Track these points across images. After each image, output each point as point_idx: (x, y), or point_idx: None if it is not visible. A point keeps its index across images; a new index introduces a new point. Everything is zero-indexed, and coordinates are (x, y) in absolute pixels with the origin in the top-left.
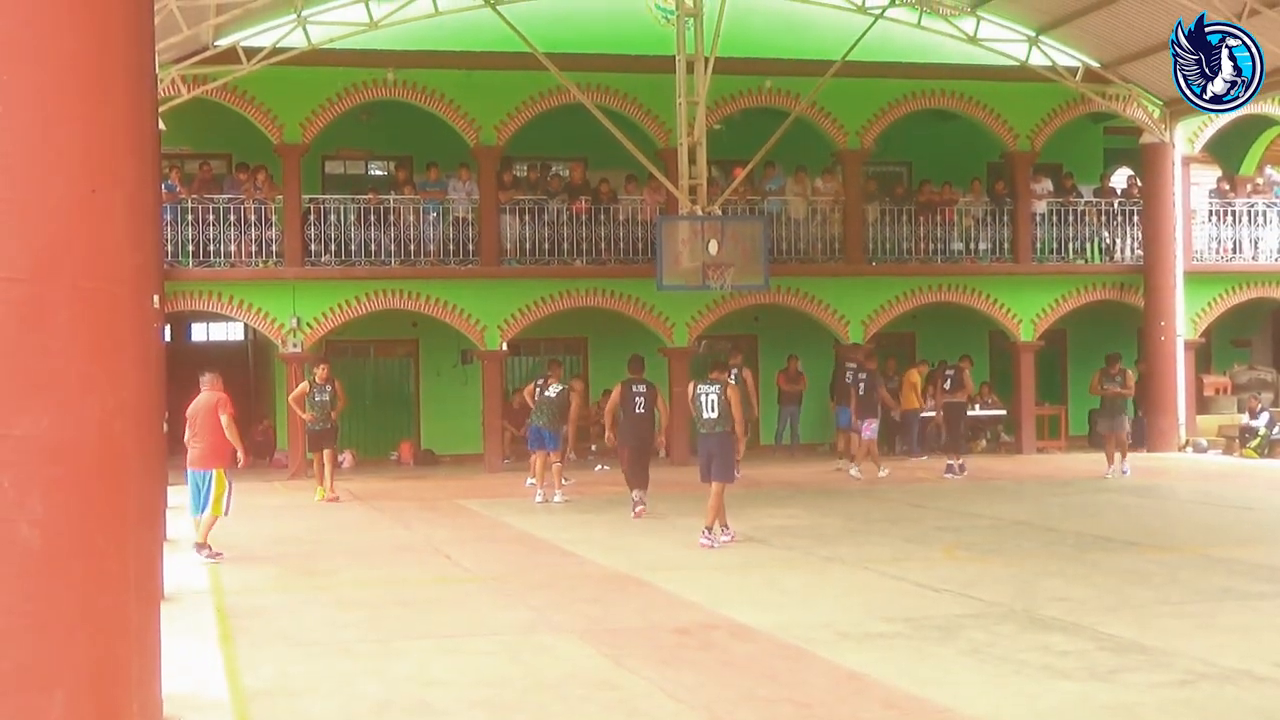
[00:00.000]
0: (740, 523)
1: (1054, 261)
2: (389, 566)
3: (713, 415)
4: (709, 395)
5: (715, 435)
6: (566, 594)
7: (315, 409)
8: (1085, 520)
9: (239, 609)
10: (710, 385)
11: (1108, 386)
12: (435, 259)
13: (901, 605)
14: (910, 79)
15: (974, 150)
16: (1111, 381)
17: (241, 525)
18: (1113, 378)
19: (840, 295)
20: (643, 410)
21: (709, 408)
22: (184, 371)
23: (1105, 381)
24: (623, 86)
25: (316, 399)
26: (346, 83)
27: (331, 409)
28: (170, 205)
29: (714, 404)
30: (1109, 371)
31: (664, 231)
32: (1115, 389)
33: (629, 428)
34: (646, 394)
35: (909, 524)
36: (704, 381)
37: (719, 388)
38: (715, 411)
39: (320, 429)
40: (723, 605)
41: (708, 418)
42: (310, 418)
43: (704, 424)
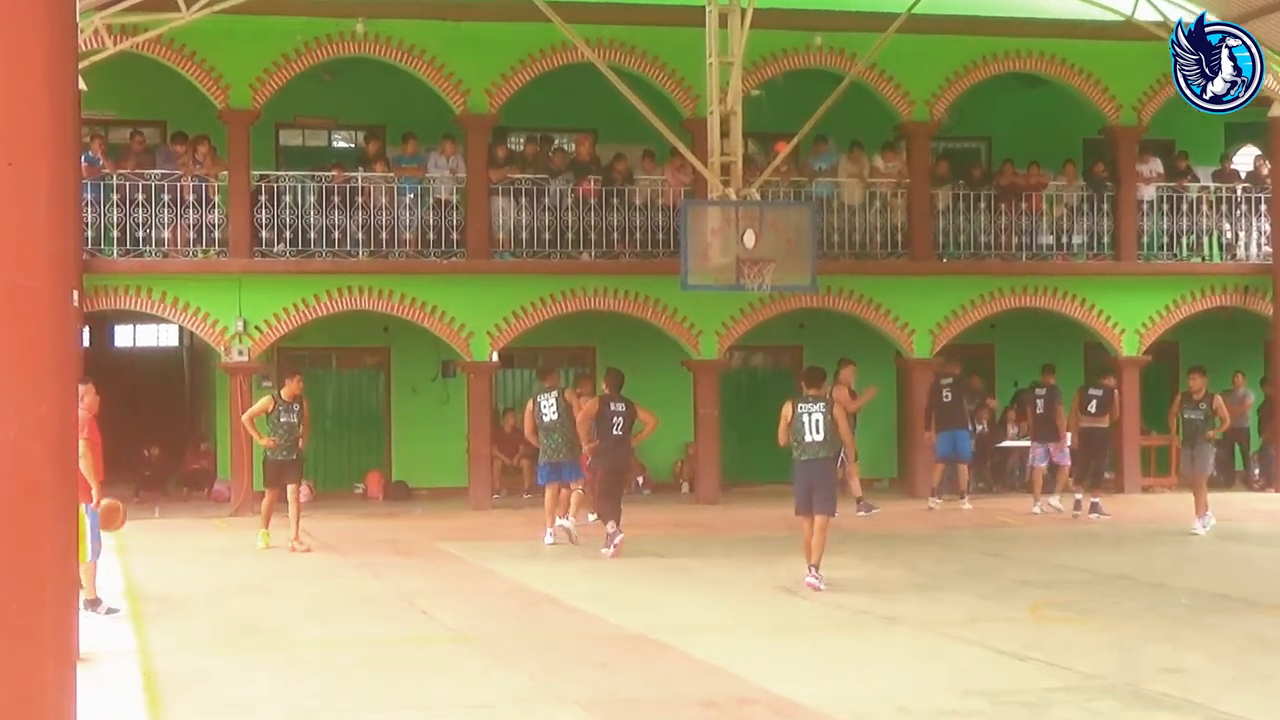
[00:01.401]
0: (779, 574)
1: (1164, 259)
2: (353, 623)
3: (817, 438)
4: (812, 415)
5: (819, 461)
6: (569, 658)
7: (279, 433)
8: (1200, 575)
9: (171, 673)
10: (814, 404)
11: (1189, 415)
12: (412, 250)
13: (978, 676)
14: (990, 37)
15: (1067, 124)
16: (1194, 408)
17: (175, 571)
18: (1196, 403)
19: (904, 298)
20: (620, 432)
21: (813, 429)
22: (106, 384)
23: (1186, 408)
24: (641, 43)
25: (282, 420)
26: (307, 36)
27: (299, 433)
28: (92, 182)
29: (818, 425)
30: (1191, 394)
31: (690, 219)
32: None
33: (605, 450)
34: (625, 413)
35: (987, 577)
36: (804, 400)
37: (824, 406)
38: (821, 433)
39: (284, 458)
40: (760, 674)
41: (810, 441)
42: (271, 443)
43: (805, 449)
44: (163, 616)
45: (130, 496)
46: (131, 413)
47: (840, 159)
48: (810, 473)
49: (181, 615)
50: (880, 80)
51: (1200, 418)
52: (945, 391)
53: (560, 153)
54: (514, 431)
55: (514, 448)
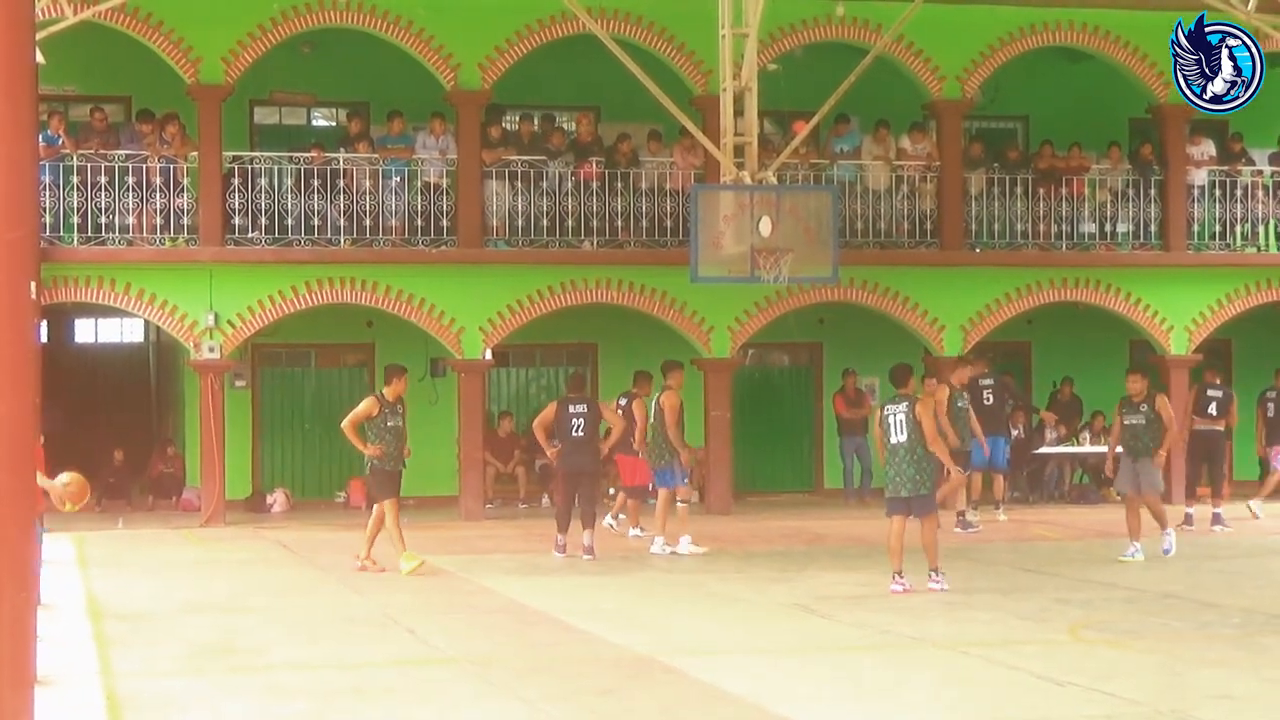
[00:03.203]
0: (798, 591)
1: (1216, 250)
2: (335, 644)
3: (901, 439)
4: (896, 416)
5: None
6: (570, 683)
7: (386, 439)
8: (1253, 592)
9: (137, 697)
10: (897, 404)
11: (1129, 421)
12: (398, 238)
13: (1014, 702)
14: (1029, 7)
15: (1112, 102)
16: (1135, 413)
17: (141, 586)
18: (1136, 407)
19: (933, 291)
20: (582, 434)
21: (897, 430)
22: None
23: (1126, 413)
24: (648, 13)
25: (389, 424)
26: (284, 5)
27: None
28: (50, 163)
29: (902, 425)
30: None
31: (701, 205)
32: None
33: (567, 453)
34: (587, 415)
35: (1023, 595)
36: (890, 401)
37: (907, 405)
38: (905, 434)
39: (393, 468)
40: (777, 700)
41: (896, 442)
42: (378, 452)
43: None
44: (128, 636)
45: (92, 505)
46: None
47: (864, 140)
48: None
49: (148, 634)
50: (908, 54)
51: (1142, 423)
52: (986, 393)
53: (559, 132)
54: (509, 436)
55: (509, 454)
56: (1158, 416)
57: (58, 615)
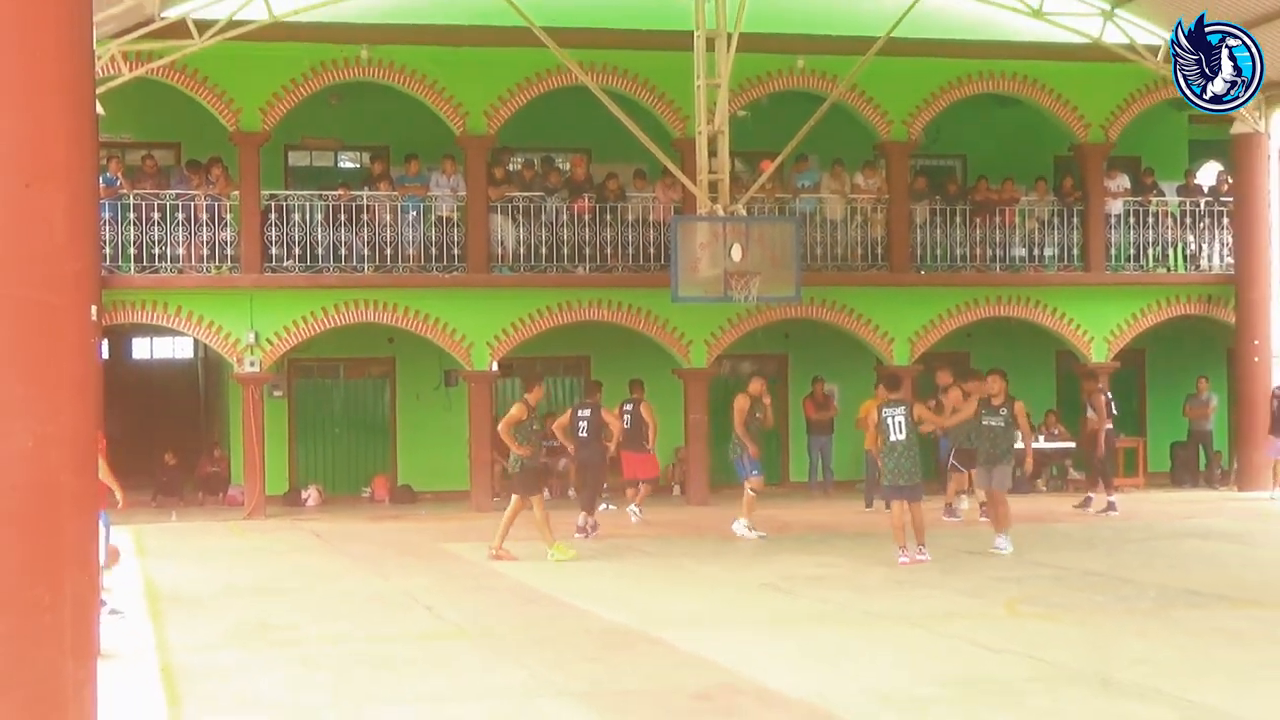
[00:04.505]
0: (768, 572)
1: (1131, 270)
2: (361, 620)
3: (901, 437)
4: (895, 417)
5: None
6: (567, 652)
7: (532, 440)
8: (1168, 571)
9: (187, 668)
10: (895, 407)
11: (987, 422)
12: (415, 265)
13: (955, 667)
14: (965, 59)
15: (1038, 142)
16: (994, 414)
17: (191, 572)
18: (995, 409)
19: (883, 308)
20: (586, 434)
21: (896, 429)
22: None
23: (986, 414)
24: (633, 67)
25: (534, 427)
26: (314, 61)
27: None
28: (110, 202)
29: (901, 425)
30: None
31: (680, 234)
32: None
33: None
34: (590, 418)
35: (964, 574)
36: (889, 405)
37: (905, 408)
38: (904, 433)
39: (536, 465)
40: (748, 666)
41: (896, 439)
42: (529, 452)
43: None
44: (179, 615)
45: (148, 501)
46: (149, 422)
47: (822, 176)
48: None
49: (197, 613)
50: (860, 101)
51: (1000, 426)
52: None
53: (556, 172)
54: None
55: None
56: (1013, 421)
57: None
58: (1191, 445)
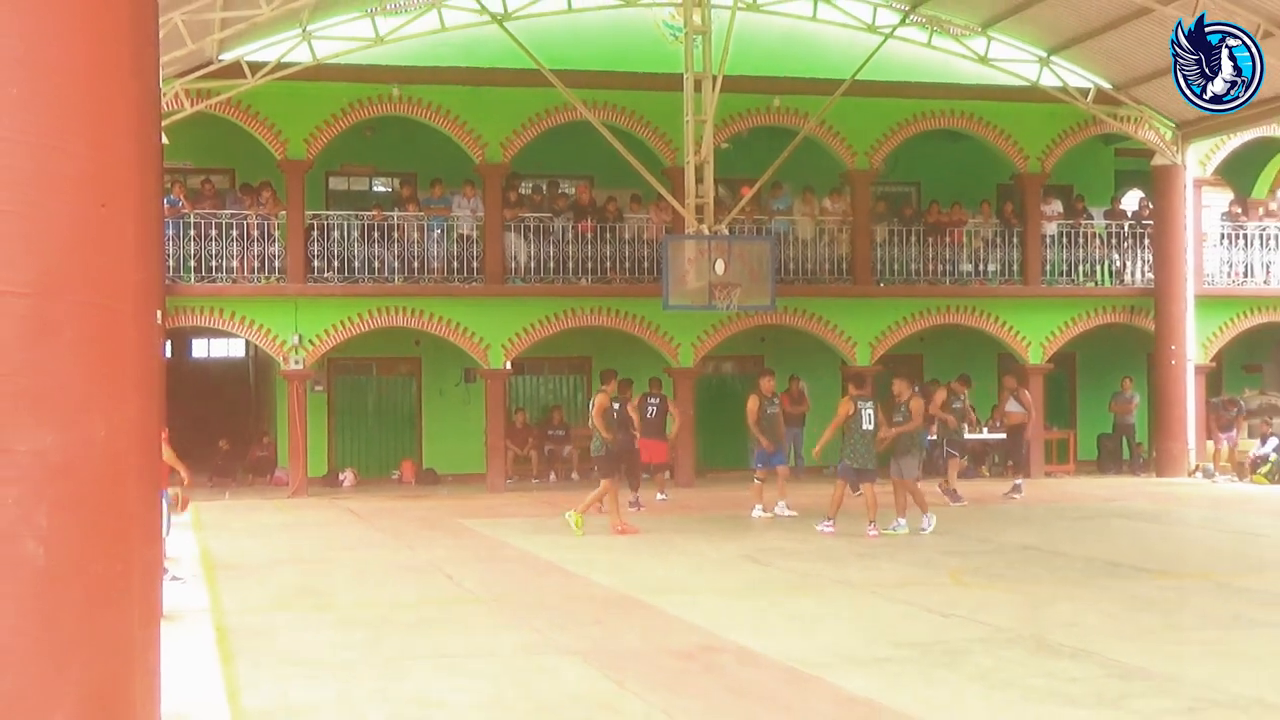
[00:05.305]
0: (743, 545)
1: (1063, 284)
2: (390, 586)
3: (870, 427)
4: (867, 410)
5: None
6: (569, 615)
7: (615, 426)
8: (1094, 545)
9: (239, 628)
10: (866, 402)
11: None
12: (439, 277)
13: (909, 630)
14: (919, 99)
15: (983, 171)
16: (897, 412)
17: (242, 544)
18: (897, 407)
19: (847, 316)
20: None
21: (868, 420)
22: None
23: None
24: (630, 104)
25: (616, 416)
26: (351, 98)
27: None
28: (173, 220)
29: (870, 417)
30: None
31: (670, 251)
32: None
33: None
34: (620, 410)
35: (915, 549)
36: (861, 399)
37: (873, 403)
38: (873, 424)
39: (617, 449)
40: (727, 629)
41: (867, 429)
42: (613, 436)
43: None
44: (232, 581)
45: (205, 482)
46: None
47: (794, 201)
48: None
49: (247, 580)
50: (828, 135)
51: (901, 420)
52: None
53: (562, 196)
54: (524, 427)
55: (523, 440)
56: (909, 416)
57: (179, 566)
58: (1116, 437)
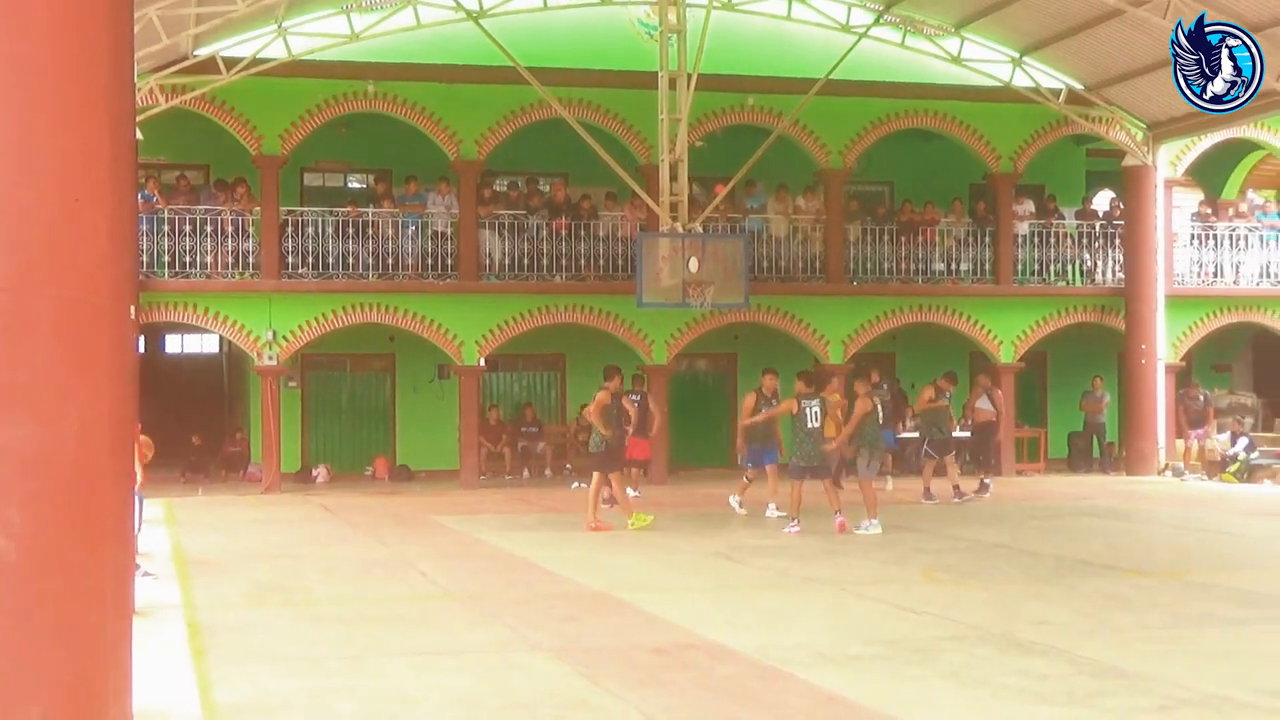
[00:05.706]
0: (717, 543)
1: (1035, 283)
2: (363, 582)
3: (816, 425)
4: (812, 408)
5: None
6: (542, 612)
7: (612, 423)
8: (1065, 544)
9: (211, 624)
10: (812, 400)
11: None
12: (413, 273)
13: (881, 627)
14: (893, 99)
15: (956, 171)
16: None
17: (215, 539)
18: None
19: (821, 314)
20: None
21: (813, 419)
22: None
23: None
24: (605, 102)
25: (613, 412)
26: (326, 94)
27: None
28: (147, 215)
29: (816, 415)
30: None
31: (644, 248)
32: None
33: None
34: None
35: (887, 546)
36: (806, 398)
37: (819, 402)
38: (819, 422)
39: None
40: (700, 625)
41: (812, 427)
42: (611, 433)
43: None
44: (204, 577)
45: (178, 477)
46: (179, 408)
47: (768, 199)
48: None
49: (220, 576)
50: (802, 134)
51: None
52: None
53: (538, 193)
54: (498, 423)
55: (497, 437)
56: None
57: (151, 562)
58: (1086, 435)
